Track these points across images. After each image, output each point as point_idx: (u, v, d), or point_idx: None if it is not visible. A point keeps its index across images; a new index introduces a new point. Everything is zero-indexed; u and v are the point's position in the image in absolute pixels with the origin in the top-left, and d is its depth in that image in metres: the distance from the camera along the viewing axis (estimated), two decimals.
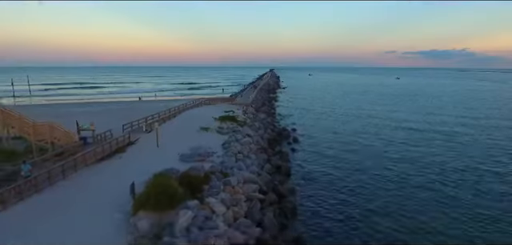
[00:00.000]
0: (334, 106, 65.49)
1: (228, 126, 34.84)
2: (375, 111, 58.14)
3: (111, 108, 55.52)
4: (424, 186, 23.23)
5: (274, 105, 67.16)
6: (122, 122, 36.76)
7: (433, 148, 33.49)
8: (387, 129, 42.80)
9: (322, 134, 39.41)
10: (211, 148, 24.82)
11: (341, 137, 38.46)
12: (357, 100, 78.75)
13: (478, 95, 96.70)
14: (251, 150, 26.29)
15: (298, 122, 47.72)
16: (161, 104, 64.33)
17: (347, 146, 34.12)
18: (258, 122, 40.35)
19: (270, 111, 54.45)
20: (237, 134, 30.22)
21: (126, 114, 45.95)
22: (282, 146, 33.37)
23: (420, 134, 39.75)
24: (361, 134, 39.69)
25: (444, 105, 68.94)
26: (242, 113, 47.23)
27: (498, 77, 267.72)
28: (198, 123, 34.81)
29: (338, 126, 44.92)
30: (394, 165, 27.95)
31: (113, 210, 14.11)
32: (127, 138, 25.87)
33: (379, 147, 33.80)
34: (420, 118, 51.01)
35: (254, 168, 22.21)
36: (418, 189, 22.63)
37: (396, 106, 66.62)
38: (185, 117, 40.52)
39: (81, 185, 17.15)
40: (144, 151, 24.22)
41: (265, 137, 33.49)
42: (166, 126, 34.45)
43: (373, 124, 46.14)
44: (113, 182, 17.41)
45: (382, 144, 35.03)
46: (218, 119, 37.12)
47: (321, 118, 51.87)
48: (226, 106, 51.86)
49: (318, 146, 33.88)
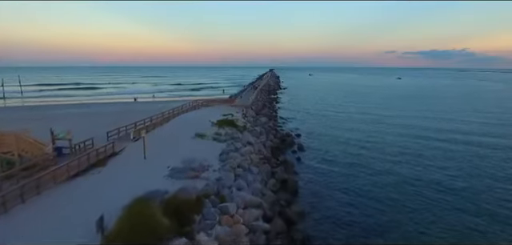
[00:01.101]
0: (338, 109, 62.16)
1: (226, 132, 31.55)
2: (382, 115, 54.73)
3: (102, 110, 52.21)
4: (451, 205, 20.02)
5: (275, 107, 63.86)
6: (110, 126, 33.53)
7: (448, 156, 30.25)
8: (397, 135, 39.38)
9: (329, 141, 36.11)
10: (207, 160, 21.53)
11: (349, 144, 35.18)
12: (360, 102, 75.41)
13: (483, 96, 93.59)
14: (252, 162, 23.00)
15: (301, 126, 44.44)
16: (157, 105, 61.13)
17: (357, 156, 30.87)
18: (259, 127, 37.07)
19: (271, 114, 51.16)
20: (236, 142, 26.93)
21: (116, 117, 42.64)
22: (286, 154, 30.11)
23: (432, 141, 36.30)
24: (369, 141, 36.43)
25: (451, 107, 65.57)
26: (241, 116, 43.96)
27: (499, 77, 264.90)
28: (193, 128, 31.53)
29: (344, 131, 41.61)
30: (412, 178, 24.70)
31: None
32: (110, 148, 22.55)
33: (390, 156, 30.53)
34: (429, 123, 47.55)
35: (257, 185, 18.95)
36: (447, 211, 19.40)
37: (402, 109, 63.18)
38: (180, 121, 37.24)
39: (40, 213, 13.83)
40: (128, 164, 20.94)
41: (267, 144, 30.23)
42: (159, 131, 31.16)
43: (381, 129, 42.76)
44: (81, 209, 14.10)
45: (394, 152, 31.73)
46: (215, 124, 33.83)
47: (325, 122, 48.57)
48: (224, 109, 48.57)
49: (326, 155, 30.60)
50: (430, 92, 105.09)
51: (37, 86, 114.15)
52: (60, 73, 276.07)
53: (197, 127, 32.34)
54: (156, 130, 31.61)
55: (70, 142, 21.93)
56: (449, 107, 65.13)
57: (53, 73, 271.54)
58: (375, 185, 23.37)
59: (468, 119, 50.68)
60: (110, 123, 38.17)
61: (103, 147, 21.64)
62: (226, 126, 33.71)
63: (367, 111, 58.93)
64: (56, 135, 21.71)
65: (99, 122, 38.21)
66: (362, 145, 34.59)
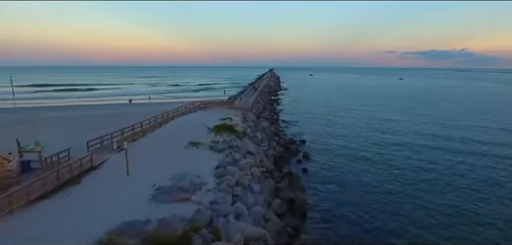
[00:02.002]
0: (342, 112, 58.94)
1: (224, 140, 28.42)
2: (389, 119, 51.36)
3: (94, 113, 48.96)
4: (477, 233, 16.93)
5: (277, 109, 60.71)
6: (97, 131, 30.42)
7: (467, 169, 27.15)
8: (408, 142, 35.98)
9: (335, 148, 32.95)
10: (200, 176, 18.41)
11: (357, 151, 32.09)
12: (365, 104, 72.14)
13: (489, 98, 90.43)
14: (253, 177, 19.87)
15: (305, 131, 41.29)
16: (152, 107, 57.95)
17: (367, 164, 27.83)
18: (260, 133, 33.94)
19: (272, 117, 48.03)
20: (235, 153, 23.80)
21: (106, 121, 39.47)
22: (290, 165, 26.98)
23: (448, 150, 32.93)
24: (378, 147, 33.33)
25: (461, 111, 62.34)
26: (241, 120, 40.83)
27: (500, 77, 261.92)
28: (187, 135, 28.43)
29: (351, 136, 38.44)
30: (438, 194, 21.60)
31: None
32: (88, 162, 19.40)
33: (403, 167, 27.41)
34: (441, 130, 43.80)
35: (259, 208, 15.80)
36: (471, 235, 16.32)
37: (410, 112, 59.71)
38: (174, 126, 34.09)
39: None
40: (107, 182, 17.80)
41: (270, 153, 27.09)
42: (148, 139, 28.00)
43: (390, 135, 39.43)
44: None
45: (407, 163, 28.54)
46: (212, 130, 30.71)
47: (330, 125, 45.39)
48: (222, 112, 45.45)
49: (334, 165, 27.47)
50: (435, 94, 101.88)
51: (30, 87, 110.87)
52: (58, 73, 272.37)
53: (192, 133, 29.25)
54: (146, 137, 28.45)
55: (39, 155, 18.76)
56: (459, 111, 61.92)
57: (50, 73, 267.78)
58: (391, 199, 20.38)
59: (484, 125, 47.23)
60: (98, 128, 35.01)
61: (78, 161, 18.47)
62: (224, 133, 30.59)
63: (373, 114, 55.74)
64: (23, 147, 18.55)
65: (87, 127, 35.12)
66: (371, 152, 31.48)
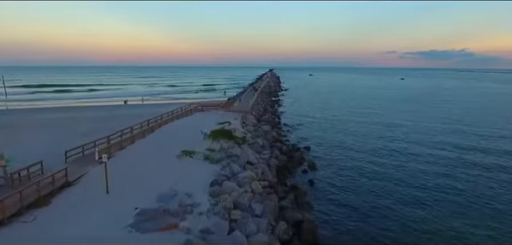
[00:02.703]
0: (346, 114, 56.21)
1: (221, 147, 25.76)
2: (395, 123, 48.44)
3: (84, 115, 46.24)
4: None
5: (278, 111, 58.04)
6: (84, 137, 27.90)
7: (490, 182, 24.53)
8: (419, 149, 33.14)
9: (343, 155, 30.23)
10: (192, 195, 15.73)
11: (368, 161, 29.32)
12: (368, 106, 69.34)
13: (497, 99, 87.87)
14: (254, 195, 17.17)
15: (309, 135, 38.58)
16: (147, 109, 55.30)
17: (379, 174, 25.20)
18: (260, 138, 31.27)
19: (274, 121, 45.34)
20: (233, 163, 21.16)
21: (96, 125, 36.87)
22: (295, 176, 24.31)
23: (464, 160, 30.06)
24: (388, 154, 30.70)
25: (468, 113, 59.67)
26: (240, 123, 38.20)
27: (501, 77, 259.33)
28: (181, 142, 25.81)
29: (359, 143, 35.63)
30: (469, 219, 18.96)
31: None
32: (62, 177, 16.70)
33: (417, 175, 24.78)
34: (452, 135, 41.20)
35: (261, 236, 13.15)
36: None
37: (416, 115, 56.44)
38: (167, 131, 31.41)
39: None
40: (81, 203, 15.11)
41: (272, 163, 24.40)
42: (137, 147, 25.30)
43: (399, 140, 36.57)
44: None
45: (421, 175, 25.85)
46: (208, 136, 28.05)
47: (335, 130, 42.63)
48: (221, 115, 42.80)
49: (343, 175, 24.78)
50: (438, 95, 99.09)
51: (24, 88, 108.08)
52: (57, 73, 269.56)
53: (186, 140, 26.62)
54: (135, 145, 25.75)
55: (4, 171, 16.06)
56: (467, 114, 59.18)
57: (50, 73, 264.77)
58: (411, 217, 17.68)
59: (497, 130, 44.43)
60: (87, 132, 32.44)
61: (50, 177, 15.78)
62: (222, 139, 27.88)
63: (378, 117, 52.90)
64: None
65: (74, 132, 32.53)
66: (381, 161, 28.77)
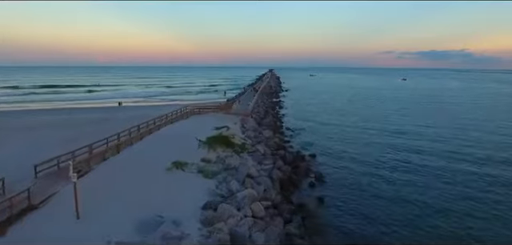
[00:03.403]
0: (352, 117, 53.25)
1: (218, 156, 23.04)
2: (405, 127, 45.18)
3: (73, 119, 43.29)
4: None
5: (279, 113, 55.22)
6: (65, 145, 25.08)
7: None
8: (438, 158, 30.43)
9: (353, 166, 27.14)
10: (179, 223, 12.95)
11: (379, 167, 26.67)
12: (374, 108, 66.36)
13: (504, 100, 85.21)
14: (255, 221, 14.35)
15: (313, 141, 35.67)
16: (141, 111, 52.55)
17: (395, 186, 22.44)
18: (262, 145, 28.49)
19: (275, 125, 42.53)
20: (230, 178, 18.39)
21: (82, 130, 34.08)
22: (301, 191, 21.45)
23: (489, 176, 27.14)
24: (402, 164, 27.85)
25: (482, 116, 56.88)
26: (239, 128, 35.49)
27: (503, 78, 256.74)
28: (173, 151, 23.02)
29: (369, 149, 32.74)
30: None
31: None
32: (24, 200, 13.89)
33: (440, 188, 22.04)
34: (469, 144, 37.65)
35: None
36: None
37: (425, 117, 53.48)
38: (158, 138, 28.57)
39: None
40: (44, 231, 12.30)
41: (275, 175, 21.59)
42: (123, 157, 22.47)
43: (412, 147, 33.55)
44: None
45: (441, 186, 23.14)
46: (204, 143, 25.29)
47: (341, 134, 39.78)
48: (219, 118, 40.02)
49: (356, 192, 21.84)
50: (447, 96, 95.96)
51: (14, 89, 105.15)
52: (56, 73, 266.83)
53: (178, 149, 23.84)
54: (121, 155, 22.93)
55: None
56: (482, 117, 56.28)
57: (48, 73, 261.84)
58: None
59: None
60: (70, 138, 29.64)
61: (8, 200, 12.97)
62: (219, 147, 25.20)
63: (385, 120, 49.79)
64: None
65: (57, 138, 29.62)
66: (396, 170, 25.98)
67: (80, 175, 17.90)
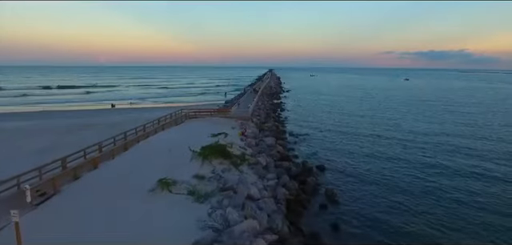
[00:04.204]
0: (358, 121, 49.87)
1: (213, 171, 19.78)
2: (418, 131, 41.89)
3: (54, 124, 39.78)
4: None
5: (281, 117, 51.93)
6: (37, 157, 22.02)
7: None
8: (460, 170, 27.39)
9: (368, 180, 23.89)
10: None
11: (397, 181, 23.47)
12: (381, 110, 62.84)
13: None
14: None
15: (320, 149, 32.35)
16: (134, 115, 49.43)
17: (417, 204, 19.22)
18: (263, 156, 25.19)
19: (278, 129, 39.25)
20: (227, 202, 15.13)
21: (61, 138, 30.90)
22: (312, 216, 18.14)
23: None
24: (424, 177, 24.70)
25: (495, 119, 53.79)
26: (239, 134, 32.19)
27: (505, 78, 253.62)
28: (160, 165, 19.82)
29: (379, 156, 29.66)
30: None
31: None
32: None
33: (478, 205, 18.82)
34: (491, 148, 35.32)
35: None
36: None
37: (438, 120, 50.51)
38: (146, 148, 25.26)
39: None
40: None
41: (280, 195, 18.34)
42: (100, 174, 19.12)
43: (430, 158, 30.34)
44: None
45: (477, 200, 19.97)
46: (198, 154, 22.05)
47: (349, 141, 36.38)
48: (216, 123, 36.81)
49: (374, 213, 18.65)
50: (454, 97, 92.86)
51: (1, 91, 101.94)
52: (54, 73, 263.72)
53: (167, 162, 20.63)
54: (97, 171, 19.61)
55: None
56: (496, 120, 53.18)
57: (45, 73, 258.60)
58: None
59: None
60: (44, 148, 26.57)
61: None
62: (215, 159, 21.95)
63: (396, 125, 46.35)
64: None
65: (29, 148, 26.47)
66: (417, 187, 22.73)
67: (42, 200, 14.64)
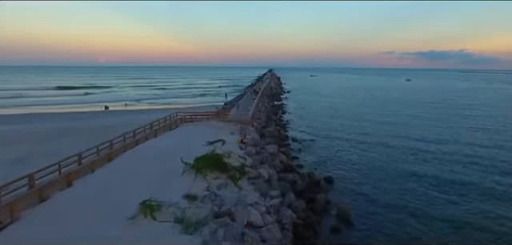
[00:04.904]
0: (365, 124, 46.71)
1: (208, 189, 17.03)
2: (434, 139, 38.00)
3: (32, 129, 36.59)
4: None
5: (283, 120, 49.19)
6: (7, 171, 19.39)
7: None
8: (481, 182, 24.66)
9: (383, 195, 21.17)
10: None
11: (420, 202, 20.73)
12: (387, 113, 58.98)
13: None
14: None
15: (327, 158, 29.41)
16: (128, 117, 46.63)
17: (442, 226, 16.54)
18: (265, 167, 22.39)
19: (280, 135, 36.49)
20: (222, 231, 12.38)
21: (36, 147, 28.03)
22: (323, 241, 15.43)
23: None
24: (448, 193, 21.99)
25: (506, 121, 51.07)
26: (237, 141, 29.32)
27: (507, 79, 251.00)
28: (146, 182, 17.06)
29: (398, 170, 26.83)
30: None
31: None
32: None
33: None
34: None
35: None
36: None
37: (452, 125, 46.79)
38: (132, 159, 22.37)
39: None
40: None
41: (286, 220, 15.58)
42: (72, 195, 16.22)
43: (448, 171, 27.39)
44: None
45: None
46: (190, 167, 19.30)
47: (359, 150, 32.80)
48: (212, 127, 34.06)
49: (395, 236, 15.99)
50: (460, 98, 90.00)
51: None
52: (53, 73, 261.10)
53: (155, 177, 17.88)
54: (70, 190, 16.74)
55: None
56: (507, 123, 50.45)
57: (44, 74, 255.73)
58: None
59: None
60: (21, 158, 23.82)
61: None
62: (210, 173, 19.19)
63: (406, 130, 43.04)
64: None
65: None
66: (437, 205, 20.02)
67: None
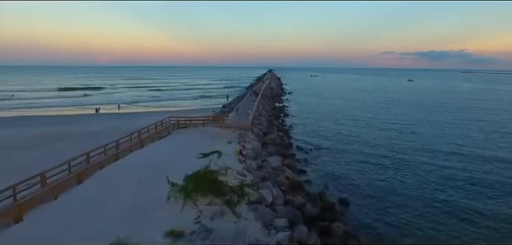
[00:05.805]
0: (379, 133, 41.49)
1: (197, 222, 13.63)
2: (451, 151, 34.00)
3: (14, 134, 33.30)
4: None
5: (286, 124, 45.58)
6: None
7: None
8: None
9: (410, 225, 17.82)
10: None
11: (452, 221, 17.33)
12: (395, 119, 53.16)
13: None
14: None
15: (339, 173, 25.29)
16: (119, 122, 43.04)
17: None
18: (268, 187, 18.86)
19: (283, 143, 32.90)
20: None
21: (13, 157, 24.58)
22: None
23: None
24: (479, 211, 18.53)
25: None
26: (236, 153, 25.75)
27: (507, 79, 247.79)
28: (122, 211, 13.63)
29: (425, 188, 23.41)
30: None
31: None
32: None
33: None
34: None
35: None
36: None
37: (470, 132, 42.55)
38: (108, 178, 18.87)
39: None
40: None
41: None
42: (22, 231, 12.74)
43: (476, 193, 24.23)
44: None
45: None
46: (177, 192, 15.82)
47: (369, 160, 28.92)
48: (208, 134, 30.55)
49: None
50: (465, 99, 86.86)
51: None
52: (52, 73, 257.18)
53: (134, 203, 14.43)
54: (22, 224, 13.23)
55: None
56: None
57: (42, 74, 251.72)
58: None
59: None
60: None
61: None
62: (202, 197, 15.76)
63: (420, 139, 37.85)
64: None
65: None
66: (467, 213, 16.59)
67: None
